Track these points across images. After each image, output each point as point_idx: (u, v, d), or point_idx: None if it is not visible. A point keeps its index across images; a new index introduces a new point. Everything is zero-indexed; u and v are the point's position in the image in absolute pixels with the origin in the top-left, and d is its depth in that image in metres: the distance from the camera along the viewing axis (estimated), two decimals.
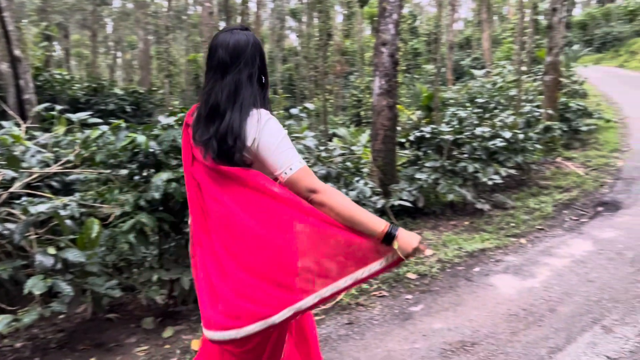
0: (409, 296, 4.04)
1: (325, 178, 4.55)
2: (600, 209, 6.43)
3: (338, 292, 1.70)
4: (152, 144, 3.50)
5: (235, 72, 1.72)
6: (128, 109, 10.53)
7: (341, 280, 1.68)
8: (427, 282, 4.30)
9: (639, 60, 27.01)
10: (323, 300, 1.68)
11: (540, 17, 26.56)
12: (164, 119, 3.73)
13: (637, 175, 7.88)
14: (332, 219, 1.68)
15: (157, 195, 3.25)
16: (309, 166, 4.48)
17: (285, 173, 1.67)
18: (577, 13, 42.65)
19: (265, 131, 1.70)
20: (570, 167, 8.65)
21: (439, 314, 3.69)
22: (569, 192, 7.19)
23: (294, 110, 5.14)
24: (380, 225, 1.68)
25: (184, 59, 49.07)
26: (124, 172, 3.70)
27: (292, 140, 4.27)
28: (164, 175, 3.30)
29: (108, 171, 3.79)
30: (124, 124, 3.54)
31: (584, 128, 11.00)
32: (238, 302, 1.63)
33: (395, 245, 1.67)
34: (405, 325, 3.56)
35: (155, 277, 3.51)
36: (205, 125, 1.74)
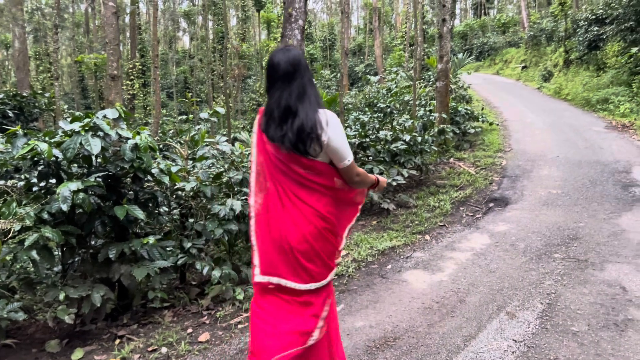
0: None
1: (241, 183, 4.48)
2: (491, 204, 6.99)
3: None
4: (56, 151, 3.22)
5: (299, 78, 2.16)
6: (10, 113, 9.53)
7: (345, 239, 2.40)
8: (345, 282, 4.40)
9: (512, 69, 29.80)
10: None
11: (427, 27, 28.33)
12: (66, 125, 3.44)
13: (519, 173, 8.69)
14: (359, 192, 2.43)
15: (64, 207, 3.00)
16: (223, 172, 4.37)
17: (344, 163, 2.20)
18: (457, 24, 46.04)
19: (333, 128, 2.14)
20: (462, 167, 9.32)
21: (359, 313, 3.79)
22: (464, 190, 7.73)
23: (203, 115, 5.00)
24: (373, 177, 2.44)
25: (67, 61, 45.62)
26: (21, 183, 3.36)
27: (206, 145, 4.19)
28: (72, 186, 3.05)
29: (1, 182, 3.41)
30: (21, 131, 3.21)
31: (472, 130, 11.92)
32: (312, 268, 2.18)
33: (379, 185, 2.51)
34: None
35: (62, 296, 3.23)
36: (279, 124, 2.14)
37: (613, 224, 5.66)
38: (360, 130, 7.42)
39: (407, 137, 7.47)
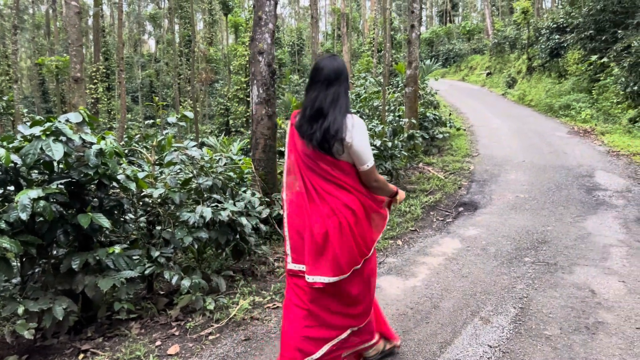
0: None
1: (211, 189, 4.37)
2: (461, 209, 7.05)
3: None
4: (14, 157, 3.04)
5: (337, 86, 2.39)
6: None
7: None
8: None
9: (477, 75, 30.42)
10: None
11: (394, 33, 28.64)
12: (25, 129, 3.27)
13: (487, 178, 8.81)
14: (378, 198, 2.58)
15: (23, 215, 2.83)
16: (192, 177, 4.24)
17: (365, 167, 2.40)
18: (423, 31, 46.81)
19: (358, 131, 2.35)
20: (431, 171, 9.40)
21: None
22: (433, 195, 7.79)
23: (171, 119, 4.87)
24: (393, 187, 2.64)
25: (27, 63, 44.26)
26: None
27: (175, 150, 4.05)
28: (32, 193, 2.89)
29: None
30: None
31: (440, 136, 12.06)
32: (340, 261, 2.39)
33: (397, 197, 2.70)
34: None
35: (21, 310, 3.05)
36: (310, 122, 2.37)
37: (579, 227, 5.77)
38: None
39: (377, 142, 7.47)
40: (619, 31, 14.68)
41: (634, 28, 14.01)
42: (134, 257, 3.90)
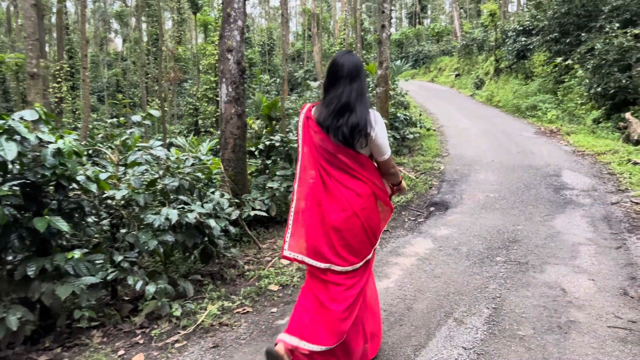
0: (274, 309, 3.91)
1: (177, 190, 4.21)
2: (432, 209, 7.05)
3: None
4: None
5: (359, 81, 2.51)
6: None
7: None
8: (290, 293, 4.22)
9: (446, 76, 30.81)
10: None
11: (364, 34, 28.74)
12: None
13: (457, 177, 8.86)
14: (386, 189, 2.74)
15: None
16: (158, 178, 4.08)
17: (384, 157, 2.59)
18: (393, 32, 47.19)
19: (380, 126, 2.52)
20: (402, 171, 9.39)
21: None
22: (405, 195, 7.76)
23: (135, 118, 4.68)
24: (400, 176, 2.79)
25: None
26: None
27: (139, 150, 3.86)
28: None
29: None
30: None
31: (410, 136, 12.09)
32: (349, 252, 2.57)
33: (401, 185, 2.85)
34: (274, 340, 3.41)
35: None
36: (336, 117, 2.46)
37: (549, 226, 5.82)
38: None
39: None
40: (583, 34, 15.03)
41: (597, 31, 14.36)
42: (96, 262, 3.71)
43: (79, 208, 3.70)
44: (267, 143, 6.63)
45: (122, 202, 4.07)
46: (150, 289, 3.64)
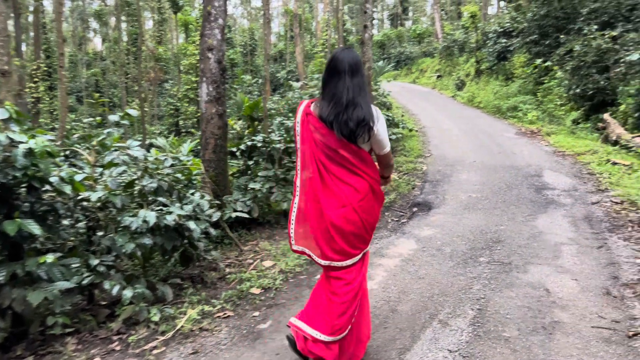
0: (256, 313, 3.82)
1: (156, 192, 4.09)
2: (415, 209, 7.02)
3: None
4: None
5: (359, 76, 2.52)
6: None
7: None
8: (272, 296, 4.14)
9: (427, 77, 30.97)
10: None
11: (346, 35, 28.74)
12: None
13: (440, 178, 8.86)
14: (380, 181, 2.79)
15: None
16: (136, 179, 3.98)
17: (385, 151, 2.67)
18: (375, 33, 47.33)
19: (381, 121, 2.57)
20: None
21: (288, 328, 3.54)
22: (388, 195, 7.72)
23: (112, 117, 4.55)
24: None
25: None
26: None
27: (115, 150, 3.74)
28: None
29: None
30: None
31: (393, 137, 12.07)
32: (347, 246, 2.62)
33: (390, 177, 2.98)
34: (255, 345, 3.34)
35: None
36: (339, 112, 2.47)
37: (531, 226, 5.84)
38: (285, 135, 7.19)
39: None
40: (562, 36, 15.23)
41: (575, 33, 14.56)
42: (71, 267, 3.59)
43: (53, 210, 3.57)
44: (249, 143, 6.53)
45: (99, 204, 3.95)
46: (127, 293, 3.52)
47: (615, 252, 4.85)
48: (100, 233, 4.07)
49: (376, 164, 2.79)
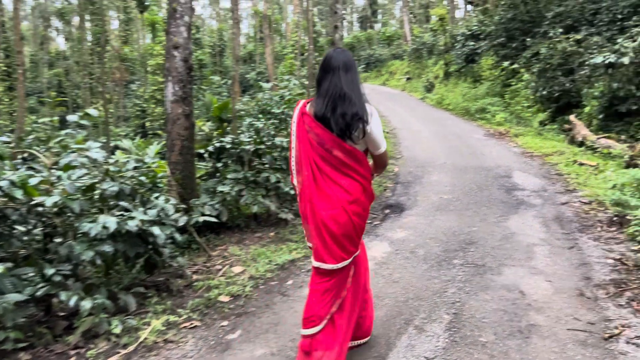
0: (225, 322, 3.64)
1: (118, 196, 3.87)
2: (387, 211, 6.94)
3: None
4: None
5: (353, 72, 2.57)
6: None
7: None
8: (242, 304, 3.97)
9: (397, 80, 31.17)
10: None
11: (316, 36, 28.66)
12: None
13: (411, 179, 8.83)
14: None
15: None
16: (97, 183, 3.75)
17: (380, 150, 2.67)
18: (345, 36, 47.46)
19: (375, 119, 2.56)
20: None
21: (259, 338, 3.39)
22: None
23: (71, 117, 4.31)
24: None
25: None
26: None
27: (74, 152, 3.49)
28: None
29: None
30: None
31: None
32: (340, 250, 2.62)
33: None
34: (224, 357, 3.17)
35: None
36: (334, 107, 2.48)
37: (503, 227, 5.82)
38: (255, 136, 7.01)
39: None
40: (528, 39, 15.50)
41: (541, 36, 14.83)
42: (24, 277, 3.34)
43: (3, 217, 3.31)
44: (218, 145, 6.33)
45: (55, 209, 3.70)
46: (86, 304, 3.30)
47: (587, 253, 4.86)
48: (58, 240, 3.82)
49: (371, 164, 2.79)
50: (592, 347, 3.14)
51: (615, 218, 5.74)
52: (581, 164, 8.62)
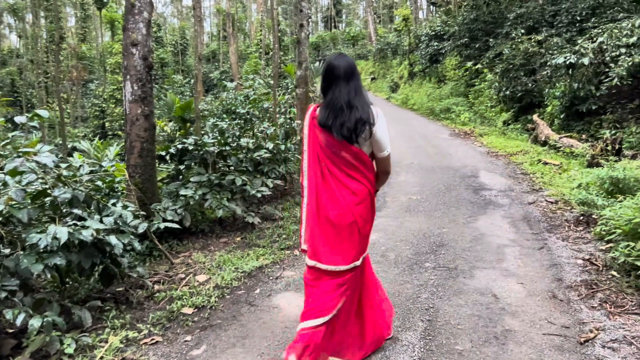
0: (188, 337, 3.42)
1: (71, 203, 3.59)
2: None
3: None
4: None
5: (355, 80, 2.64)
6: None
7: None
8: (207, 316, 3.75)
9: (362, 79, 31.26)
10: None
11: (281, 35, 28.39)
12: None
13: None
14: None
15: None
16: (47, 189, 3.46)
17: (384, 154, 2.73)
18: (310, 36, 47.35)
19: (381, 121, 2.65)
20: None
21: (225, 354, 3.19)
22: None
23: (20, 119, 3.99)
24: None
25: None
26: None
27: (21, 155, 3.22)
28: None
29: None
30: None
31: None
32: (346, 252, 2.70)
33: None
34: None
35: None
36: (339, 114, 2.58)
37: (473, 228, 5.78)
38: (219, 137, 6.77)
39: (270, 145, 7.02)
40: (491, 40, 15.72)
41: (503, 37, 15.06)
42: None
43: None
44: (180, 146, 6.05)
45: (0, 218, 3.40)
46: (35, 322, 3.02)
47: (556, 253, 4.85)
48: (5, 251, 3.52)
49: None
50: (568, 352, 3.07)
51: (581, 217, 5.78)
52: (545, 163, 8.73)
